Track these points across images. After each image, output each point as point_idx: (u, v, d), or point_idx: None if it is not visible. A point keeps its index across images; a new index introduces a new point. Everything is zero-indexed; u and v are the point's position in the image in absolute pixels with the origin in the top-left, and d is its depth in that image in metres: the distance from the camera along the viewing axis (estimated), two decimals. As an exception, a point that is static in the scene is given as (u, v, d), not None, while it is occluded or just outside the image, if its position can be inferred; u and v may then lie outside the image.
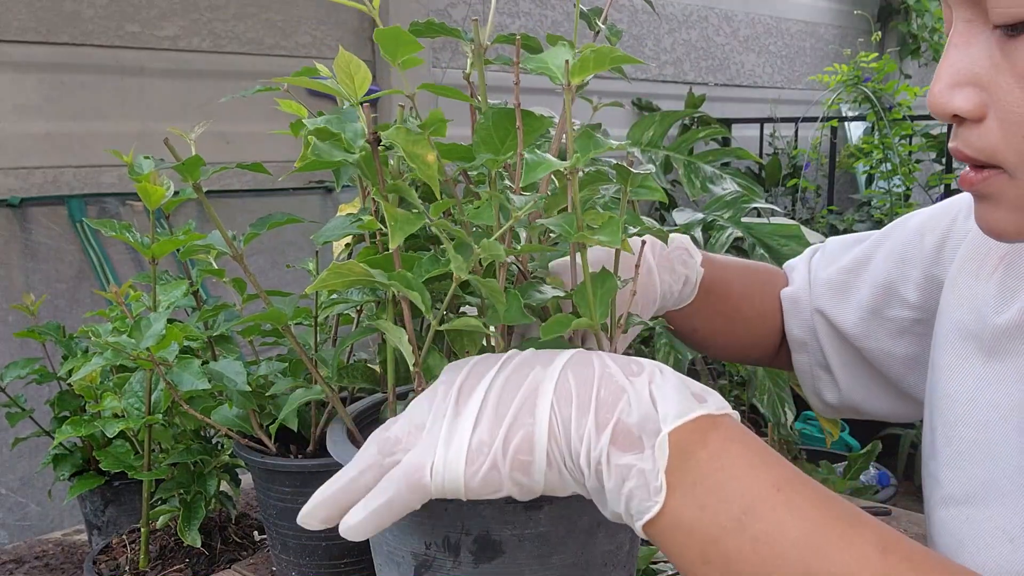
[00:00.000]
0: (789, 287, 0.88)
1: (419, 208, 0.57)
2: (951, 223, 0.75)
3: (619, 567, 0.57)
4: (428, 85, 0.60)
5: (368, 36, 2.80)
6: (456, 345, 0.60)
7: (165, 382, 0.81)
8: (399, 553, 0.55)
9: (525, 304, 0.56)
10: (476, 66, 0.63)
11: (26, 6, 2.18)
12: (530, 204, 0.54)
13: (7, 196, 2.20)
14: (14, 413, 1.04)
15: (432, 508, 0.50)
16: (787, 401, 1.43)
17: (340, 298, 0.66)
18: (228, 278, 0.90)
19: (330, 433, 0.63)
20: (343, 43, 2.77)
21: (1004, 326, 0.62)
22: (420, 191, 0.61)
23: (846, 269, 0.83)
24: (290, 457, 0.86)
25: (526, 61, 0.55)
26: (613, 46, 0.55)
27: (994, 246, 0.67)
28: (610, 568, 0.57)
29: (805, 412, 2.51)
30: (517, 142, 0.54)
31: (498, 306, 0.54)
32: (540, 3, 3.35)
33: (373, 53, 2.86)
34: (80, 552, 1.08)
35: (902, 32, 4.99)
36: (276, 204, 2.66)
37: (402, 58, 0.56)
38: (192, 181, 0.69)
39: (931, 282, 0.75)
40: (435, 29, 0.65)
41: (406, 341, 0.56)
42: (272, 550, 0.86)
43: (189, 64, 2.48)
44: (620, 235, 0.52)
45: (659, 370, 0.49)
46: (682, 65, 4.01)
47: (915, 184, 3.20)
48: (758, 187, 1.43)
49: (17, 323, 2.16)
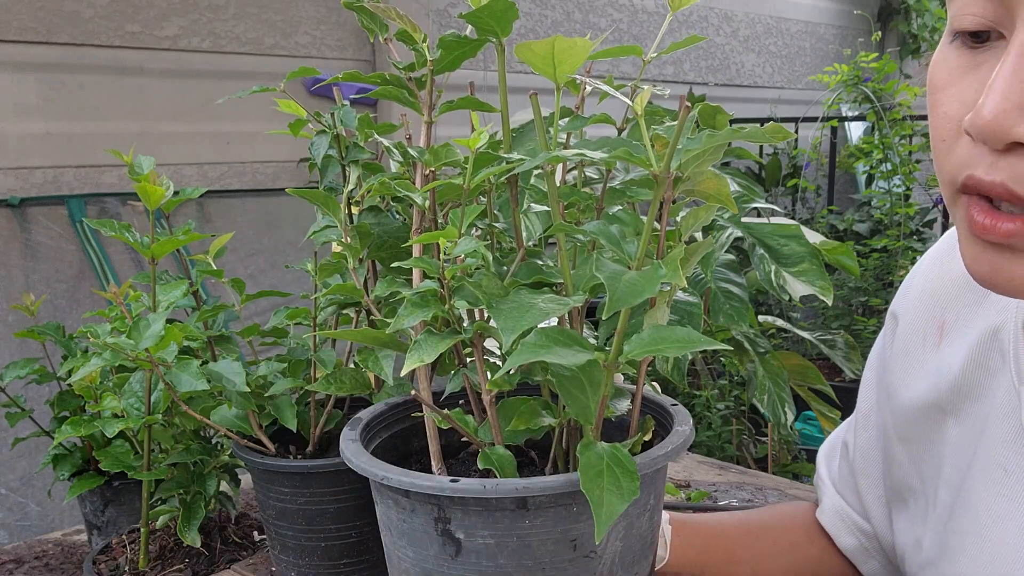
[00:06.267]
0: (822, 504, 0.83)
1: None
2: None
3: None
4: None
5: (368, 37, 2.80)
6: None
7: (164, 382, 0.81)
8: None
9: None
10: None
11: (26, 6, 2.18)
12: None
13: (7, 196, 2.20)
14: (14, 413, 1.04)
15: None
16: (787, 401, 1.43)
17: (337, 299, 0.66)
18: (227, 278, 0.90)
19: (344, 438, 0.62)
20: (343, 43, 2.77)
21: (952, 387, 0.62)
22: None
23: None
24: (289, 457, 0.86)
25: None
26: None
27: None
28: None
29: (805, 412, 2.51)
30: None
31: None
32: (540, 3, 3.35)
33: (373, 54, 2.86)
34: (80, 552, 1.08)
35: (902, 32, 4.98)
36: (276, 204, 2.66)
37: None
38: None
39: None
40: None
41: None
42: (272, 550, 0.86)
43: (189, 64, 2.48)
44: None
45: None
46: (682, 65, 4.01)
47: (915, 184, 3.19)
48: (758, 187, 1.43)
49: (17, 323, 2.16)
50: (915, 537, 0.68)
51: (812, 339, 1.72)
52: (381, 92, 0.65)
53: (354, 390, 0.80)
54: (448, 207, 0.66)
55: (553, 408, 0.59)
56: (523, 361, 0.49)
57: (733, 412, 2.16)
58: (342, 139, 0.81)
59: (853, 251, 1.52)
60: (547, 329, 0.51)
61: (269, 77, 2.58)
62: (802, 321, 3.14)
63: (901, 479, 0.71)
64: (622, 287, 0.49)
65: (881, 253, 3.16)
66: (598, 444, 0.52)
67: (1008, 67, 0.45)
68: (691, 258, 0.56)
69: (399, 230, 0.76)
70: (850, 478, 0.79)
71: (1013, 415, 0.59)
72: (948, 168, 0.51)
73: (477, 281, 0.56)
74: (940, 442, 0.66)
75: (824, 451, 0.85)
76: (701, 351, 0.84)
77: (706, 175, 0.54)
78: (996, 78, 0.45)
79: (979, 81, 0.48)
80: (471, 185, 0.58)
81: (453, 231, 0.57)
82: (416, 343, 0.57)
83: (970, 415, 0.63)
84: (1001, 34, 0.48)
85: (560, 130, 0.59)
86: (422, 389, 0.64)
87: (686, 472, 1.30)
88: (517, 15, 0.55)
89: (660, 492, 0.61)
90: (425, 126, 0.65)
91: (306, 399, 0.88)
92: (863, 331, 2.98)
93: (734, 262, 1.34)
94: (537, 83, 0.57)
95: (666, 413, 0.64)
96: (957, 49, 0.50)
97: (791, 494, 1.20)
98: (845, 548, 0.79)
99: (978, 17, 0.48)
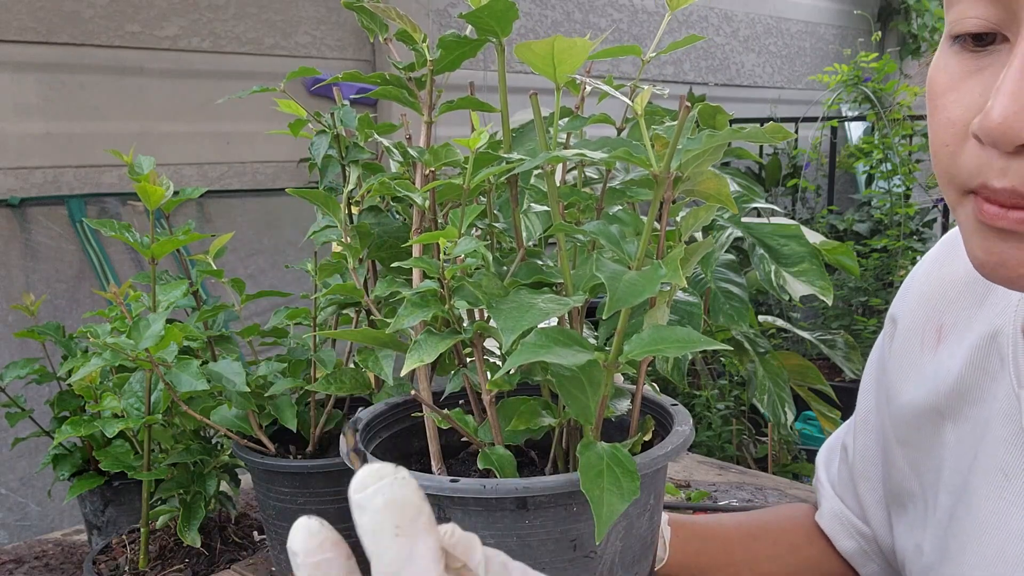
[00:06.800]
0: (821, 507, 0.83)
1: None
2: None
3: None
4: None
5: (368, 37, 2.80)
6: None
7: (164, 382, 0.81)
8: None
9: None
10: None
11: (26, 6, 2.18)
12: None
13: (7, 196, 2.20)
14: (14, 413, 1.04)
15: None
16: (787, 401, 1.43)
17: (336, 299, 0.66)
18: (227, 278, 0.90)
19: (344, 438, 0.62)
20: (343, 43, 2.77)
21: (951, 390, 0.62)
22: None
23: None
24: (289, 457, 0.86)
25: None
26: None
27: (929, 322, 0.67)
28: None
29: (805, 412, 2.51)
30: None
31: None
32: (540, 3, 3.35)
33: (373, 54, 2.86)
34: (80, 552, 1.08)
35: (902, 32, 4.99)
36: (276, 204, 2.66)
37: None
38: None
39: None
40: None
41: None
42: (272, 550, 0.86)
43: (189, 64, 2.48)
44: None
45: None
46: (682, 65, 4.01)
47: (915, 184, 3.20)
48: (758, 187, 1.43)
49: (17, 323, 2.16)
50: (915, 541, 0.68)
51: (812, 339, 1.72)
52: (381, 92, 0.65)
53: (354, 390, 0.80)
54: (448, 207, 0.66)
55: (553, 408, 0.59)
56: (523, 361, 0.49)
57: (733, 412, 2.16)
58: (342, 139, 0.81)
59: (853, 251, 1.52)
60: (547, 329, 0.51)
61: (269, 77, 2.58)
62: (802, 321, 3.14)
63: (900, 483, 0.71)
64: (622, 287, 0.49)
65: (881, 253, 3.16)
66: (598, 444, 0.52)
67: (1016, 69, 0.45)
68: (691, 258, 0.56)
69: (399, 230, 0.76)
70: (849, 481, 0.79)
71: (1012, 418, 0.59)
72: (955, 173, 0.50)
73: (477, 281, 0.56)
74: (939, 446, 0.65)
75: (823, 454, 0.84)
76: (701, 351, 0.84)
77: (706, 175, 0.54)
78: (1004, 80, 0.45)
79: (983, 84, 0.48)
80: (471, 185, 0.58)
81: (453, 231, 0.57)
82: (416, 343, 0.57)
83: (969, 419, 0.63)
84: (1004, 37, 0.48)
85: (560, 130, 0.59)
86: (422, 389, 0.64)
87: (686, 472, 1.30)
88: (517, 15, 0.55)
89: (660, 492, 0.61)
90: (425, 126, 0.65)
91: (306, 399, 0.88)
92: (863, 331, 2.98)
93: (734, 262, 1.34)
94: (537, 83, 0.57)
95: (666, 413, 0.64)
96: (957, 54, 0.50)
97: (791, 494, 1.20)
98: (844, 551, 0.80)
99: (981, 20, 0.48)
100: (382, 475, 0.32)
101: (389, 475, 0.32)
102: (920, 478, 0.68)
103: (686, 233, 0.57)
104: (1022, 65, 0.45)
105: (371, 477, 0.32)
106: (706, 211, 0.57)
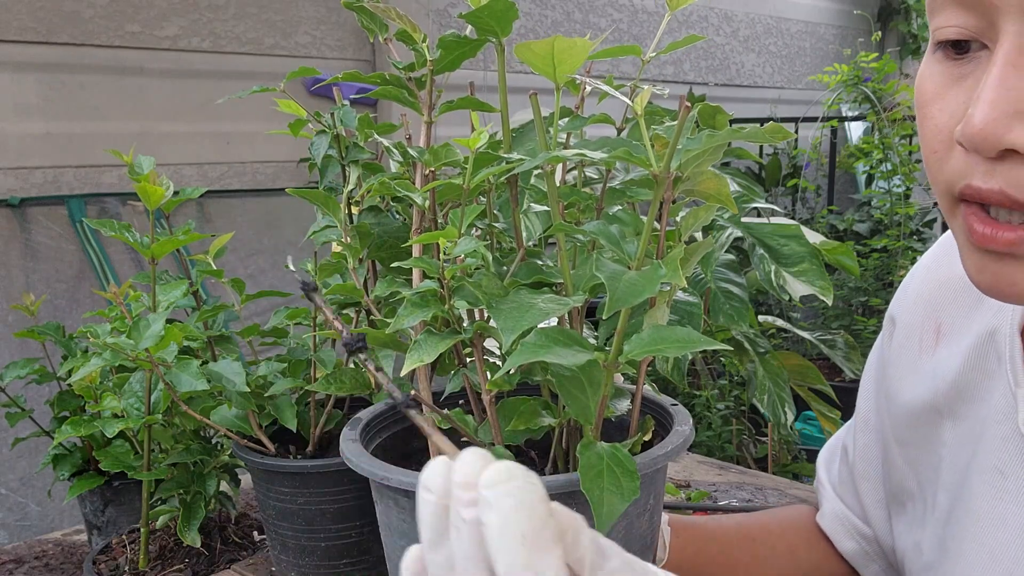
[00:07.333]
0: (823, 508, 0.82)
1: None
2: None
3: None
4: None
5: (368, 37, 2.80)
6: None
7: (164, 382, 0.81)
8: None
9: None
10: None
11: (26, 6, 2.18)
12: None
13: (7, 196, 2.20)
14: (14, 413, 1.04)
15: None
16: (787, 401, 1.43)
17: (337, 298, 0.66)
18: (227, 278, 0.90)
19: (344, 438, 0.62)
20: (343, 43, 2.77)
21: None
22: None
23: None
24: (289, 457, 0.86)
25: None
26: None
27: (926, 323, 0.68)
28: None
29: (805, 412, 2.51)
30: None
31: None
32: (540, 3, 3.35)
33: (373, 54, 2.86)
34: (80, 552, 1.08)
35: (902, 32, 4.98)
36: (276, 204, 2.66)
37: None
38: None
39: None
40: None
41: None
42: (272, 550, 0.86)
43: (189, 64, 2.48)
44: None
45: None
46: (682, 65, 4.01)
47: (915, 184, 3.19)
48: (758, 187, 1.43)
49: (17, 323, 2.16)
50: (914, 541, 0.68)
51: (812, 339, 1.72)
52: (381, 92, 0.65)
53: (354, 390, 0.80)
54: (448, 207, 0.66)
55: (553, 408, 0.59)
56: (523, 361, 0.49)
57: (733, 412, 2.16)
58: (342, 139, 0.81)
59: (853, 251, 1.52)
60: (547, 329, 0.51)
61: (269, 77, 2.58)
62: (802, 321, 3.14)
63: (900, 482, 0.71)
64: (622, 287, 0.49)
65: (881, 253, 3.16)
66: (598, 444, 0.52)
67: (994, 77, 0.46)
68: (691, 258, 0.56)
69: (399, 230, 0.76)
70: (850, 482, 0.79)
71: (1010, 418, 0.59)
72: (944, 179, 0.51)
73: (477, 281, 0.56)
74: (938, 445, 0.66)
75: (824, 455, 0.84)
76: (701, 351, 0.83)
77: (706, 175, 0.54)
78: (984, 88, 0.46)
79: (965, 92, 0.49)
80: (471, 185, 0.58)
81: (453, 231, 0.57)
82: (416, 343, 0.57)
83: (967, 418, 0.63)
84: (983, 44, 0.48)
85: (560, 130, 0.59)
86: (422, 389, 0.64)
87: (686, 472, 1.30)
88: (517, 15, 0.55)
89: (660, 492, 0.61)
90: (425, 126, 0.65)
91: (306, 399, 0.88)
92: (863, 331, 2.98)
93: (734, 262, 1.34)
94: (537, 83, 0.57)
95: (666, 413, 0.64)
96: (940, 62, 0.51)
97: (791, 494, 1.20)
98: (845, 552, 0.79)
99: (960, 28, 0.49)
100: (513, 475, 0.32)
101: (520, 477, 0.32)
102: (919, 477, 0.68)
103: (686, 233, 0.57)
104: (1000, 73, 0.46)
105: (502, 475, 0.32)
106: (706, 211, 0.57)
